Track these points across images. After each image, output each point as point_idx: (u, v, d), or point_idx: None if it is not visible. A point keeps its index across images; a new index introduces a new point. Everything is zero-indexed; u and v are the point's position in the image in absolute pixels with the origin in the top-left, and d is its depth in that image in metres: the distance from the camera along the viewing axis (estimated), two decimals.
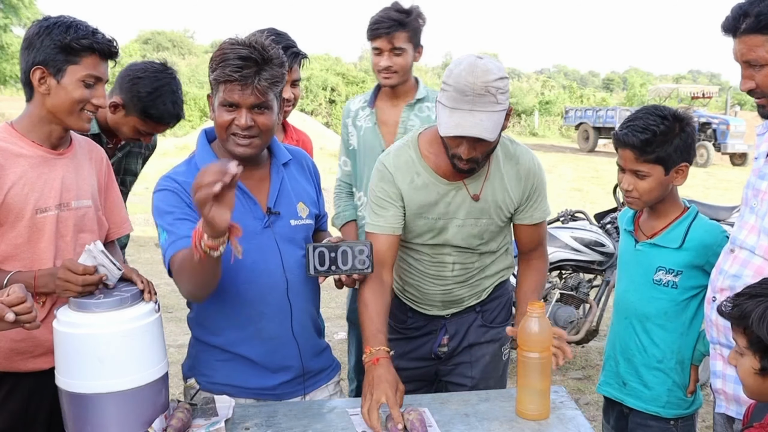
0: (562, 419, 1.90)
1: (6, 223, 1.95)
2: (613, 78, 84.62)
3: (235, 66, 1.83)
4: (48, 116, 2.00)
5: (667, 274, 2.28)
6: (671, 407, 2.31)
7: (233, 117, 1.89)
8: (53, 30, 1.95)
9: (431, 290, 2.37)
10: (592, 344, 5.27)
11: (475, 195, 2.23)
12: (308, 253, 1.94)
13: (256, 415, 1.88)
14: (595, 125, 24.07)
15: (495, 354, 2.45)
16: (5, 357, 2.01)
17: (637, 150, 2.18)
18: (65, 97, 1.97)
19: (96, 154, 2.22)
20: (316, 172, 2.22)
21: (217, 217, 1.54)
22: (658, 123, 2.16)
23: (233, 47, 1.86)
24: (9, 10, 27.12)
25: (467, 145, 2.04)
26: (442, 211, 2.25)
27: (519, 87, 36.90)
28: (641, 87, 41.06)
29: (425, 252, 2.32)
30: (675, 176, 2.23)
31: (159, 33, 53.33)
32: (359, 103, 3.21)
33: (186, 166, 2.00)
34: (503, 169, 2.25)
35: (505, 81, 2.02)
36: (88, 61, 1.98)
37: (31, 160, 1.99)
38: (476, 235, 2.28)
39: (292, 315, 2.03)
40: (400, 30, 2.92)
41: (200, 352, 2.07)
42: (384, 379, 1.89)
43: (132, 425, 1.67)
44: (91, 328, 1.63)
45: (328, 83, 26.15)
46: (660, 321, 2.30)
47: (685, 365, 2.31)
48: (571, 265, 4.88)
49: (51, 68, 1.96)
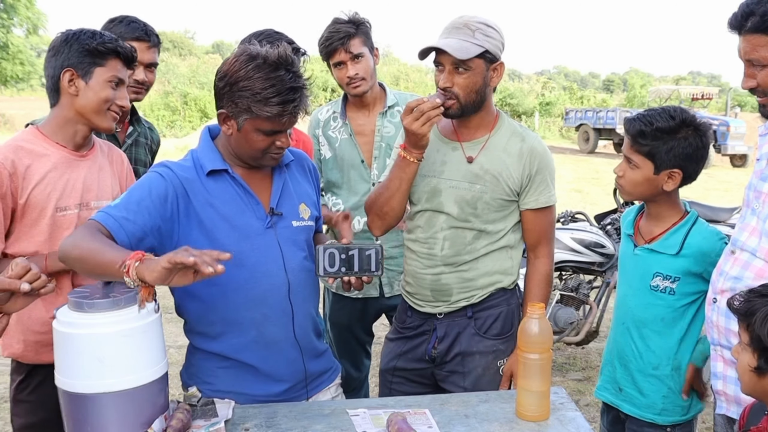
0: (562, 420, 1.90)
1: (28, 220, 2.06)
2: (613, 79, 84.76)
3: (288, 101, 1.83)
4: (75, 117, 2.14)
5: (664, 281, 2.26)
6: (667, 414, 2.30)
7: (273, 140, 1.91)
8: (80, 36, 2.12)
9: (422, 273, 2.38)
10: (592, 345, 5.28)
11: (469, 157, 2.31)
12: (318, 254, 1.93)
13: (255, 416, 1.88)
14: (595, 126, 24.04)
15: (488, 367, 2.40)
16: (32, 350, 2.12)
17: (631, 137, 2.24)
18: (93, 97, 2.11)
19: (117, 157, 2.36)
20: (316, 174, 2.22)
21: (159, 280, 1.53)
22: (662, 119, 2.19)
23: (272, 75, 1.82)
24: (10, 10, 27.15)
25: (446, 74, 2.22)
26: (437, 169, 2.34)
27: (519, 88, 36.90)
28: (641, 88, 41.05)
29: (421, 225, 2.37)
30: (665, 179, 2.22)
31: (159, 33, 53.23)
32: (327, 113, 3.19)
33: (188, 161, 1.98)
34: (506, 143, 2.33)
35: (490, 30, 2.22)
36: (113, 63, 2.14)
37: (56, 161, 2.11)
38: (469, 203, 2.30)
39: (294, 318, 2.01)
40: (353, 37, 2.95)
41: (200, 360, 2.03)
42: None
43: (131, 425, 1.66)
44: (91, 328, 1.62)
45: (328, 84, 26.12)
46: (657, 327, 2.29)
47: (681, 372, 2.29)
48: (572, 266, 4.88)
49: (79, 70, 2.10)
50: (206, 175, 1.94)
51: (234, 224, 1.94)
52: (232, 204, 1.95)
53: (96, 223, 1.76)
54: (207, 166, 1.95)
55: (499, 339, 2.41)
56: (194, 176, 1.94)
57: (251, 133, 1.89)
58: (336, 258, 1.94)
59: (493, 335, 2.40)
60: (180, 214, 1.89)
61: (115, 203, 1.84)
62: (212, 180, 1.95)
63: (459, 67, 2.21)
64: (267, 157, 1.95)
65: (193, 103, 27.46)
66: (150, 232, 1.81)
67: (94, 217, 1.79)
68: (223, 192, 1.95)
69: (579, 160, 21.05)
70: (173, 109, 27.89)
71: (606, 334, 5.64)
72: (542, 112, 33.84)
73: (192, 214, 1.91)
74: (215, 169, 1.95)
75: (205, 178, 1.94)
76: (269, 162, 1.98)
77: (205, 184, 1.94)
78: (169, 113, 27.66)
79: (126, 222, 1.78)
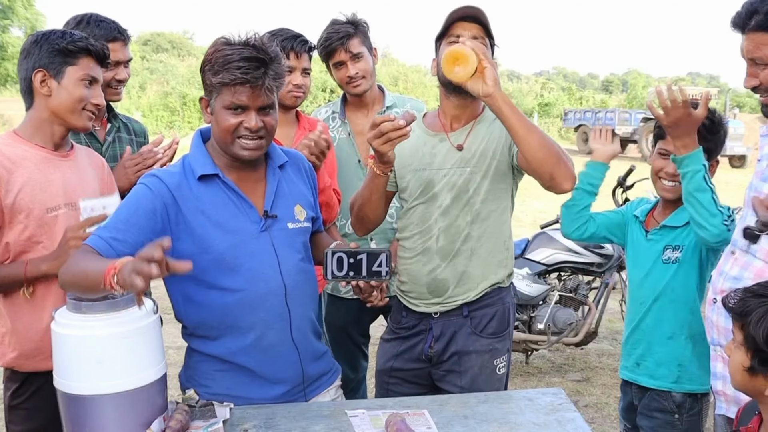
0: (561, 421, 1.89)
1: (17, 221, 2.04)
2: (612, 80, 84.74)
3: (243, 68, 1.79)
4: (50, 117, 2.12)
5: (673, 252, 2.40)
6: (684, 383, 2.37)
7: (241, 120, 1.86)
8: (50, 37, 2.11)
9: (417, 270, 2.38)
10: (591, 346, 5.28)
11: (458, 145, 2.35)
12: (326, 258, 1.90)
13: (254, 417, 1.87)
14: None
15: (484, 366, 2.40)
16: (27, 358, 2.10)
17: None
18: (67, 96, 2.10)
19: (96, 160, 2.34)
20: (312, 174, 2.20)
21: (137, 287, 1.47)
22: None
23: (233, 48, 1.82)
24: (8, 11, 27.13)
25: (469, 31, 2.27)
26: (427, 161, 2.37)
27: (518, 89, 36.86)
28: (643, 89, 41.02)
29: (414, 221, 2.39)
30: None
31: (158, 34, 53.24)
32: (326, 113, 3.21)
33: (178, 166, 1.97)
34: (490, 126, 2.37)
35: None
36: (85, 62, 2.12)
37: (36, 162, 2.09)
38: (461, 187, 2.32)
39: (291, 320, 2.00)
40: (352, 37, 2.97)
41: (198, 363, 2.02)
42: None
43: (130, 427, 1.66)
44: (89, 329, 1.62)
45: (328, 85, 26.13)
46: (670, 297, 2.38)
47: (696, 341, 2.35)
48: (570, 267, 4.89)
49: (51, 70, 2.09)
50: (197, 179, 1.92)
51: (227, 229, 1.91)
52: (224, 209, 1.93)
53: (88, 247, 1.78)
54: (198, 170, 1.92)
55: (495, 338, 2.41)
56: (183, 182, 1.91)
57: (219, 113, 1.87)
58: (344, 262, 1.91)
59: (489, 334, 2.40)
60: (171, 223, 1.88)
61: (104, 224, 1.84)
62: (203, 185, 1.92)
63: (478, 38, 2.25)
64: (237, 144, 1.89)
65: (192, 103, 27.40)
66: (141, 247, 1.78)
67: (86, 242, 1.80)
68: (215, 197, 1.93)
69: (578, 161, 20.81)
70: (172, 110, 27.87)
71: (605, 335, 5.66)
72: (541, 113, 33.81)
73: (182, 223, 1.89)
74: (206, 174, 1.92)
75: (196, 183, 1.92)
76: (241, 152, 1.90)
77: (196, 190, 1.91)
78: (168, 114, 27.65)
79: (115, 242, 1.78)
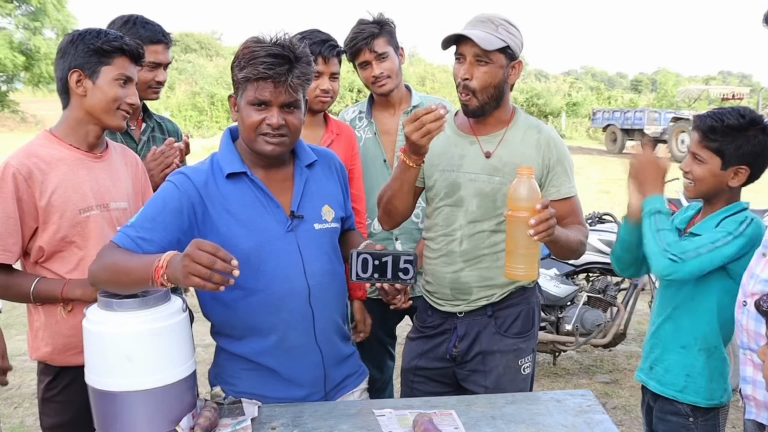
0: (589, 423, 1.88)
1: (51, 222, 2.06)
2: (641, 79, 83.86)
3: (267, 63, 1.81)
4: (86, 117, 2.14)
5: None
6: (688, 393, 2.32)
7: (263, 116, 1.87)
8: (85, 37, 2.11)
9: (441, 271, 2.38)
10: (619, 348, 5.22)
11: (487, 152, 2.33)
12: (352, 259, 1.90)
13: (282, 415, 1.88)
14: (623, 127, 23.75)
15: (509, 365, 2.39)
16: (59, 353, 2.14)
17: (701, 133, 2.27)
18: (102, 96, 2.11)
19: (130, 159, 2.36)
20: (343, 172, 2.19)
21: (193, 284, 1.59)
22: (732, 117, 2.23)
23: (262, 45, 1.84)
24: (40, 13, 27.55)
25: (466, 65, 2.24)
26: (455, 163, 2.35)
27: (546, 88, 36.54)
28: (673, 87, 40.50)
29: (439, 223, 2.38)
30: (732, 175, 2.27)
31: (187, 35, 53.77)
32: (353, 113, 3.22)
33: (206, 164, 1.98)
34: (523, 135, 2.35)
35: (512, 27, 2.26)
36: (119, 61, 2.13)
37: (70, 163, 2.12)
38: (489, 196, 2.30)
39: (315, 322, 1.99)
40: (378, 37, 2.97)
41: (225, 361, 2.04)
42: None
43: (160, 423, 1.68)
44: (120, 327, 1.64)
45: (355, 85, 26.17)
46: (689, 307, 2.32)
47: (711, 353, 2.30)
48: (599, 268, 4.84)
49: (86, 70, 2.10)
50: (225, 177, 1.93)
51: (252, 228, 1.92)
52: (251, 208, 1.93)
53: (114, 245, 1.82)
54: (226, 168, 1.93)
55: (519, 338, 2.40)
56: (211, 180, 1.92)
57: (243, 109, 1.88)
58: (369, 264, 1.90)
59: (513, 334, 2.40)
60: (198, 222, 1.89)
61: (131, 222, 1.86)
62: (231, 183, 1.93)
63: (481, 60, 2.23)
64: (260, 140, 1.89)
65: (220, 103, 27.63)
66: (169, 246, 1.80)
67: (113, 239, 1.84)
68: (242, 195, 1.94)
69: (606, 161, 20.84)
70: (200, 110, 28.12)
71: (633, 336, 5.60)
72: (569, 113, 33.54)
73: (208, 222, 1.90)
74: (234, 172, 1.94)
75: (224, 181, 1.93)
76: (264, 147, 1.90)
77: (223, 188, 1.92)
78: (196, 114, 27.90)
79: (142, 242, 1.81)
